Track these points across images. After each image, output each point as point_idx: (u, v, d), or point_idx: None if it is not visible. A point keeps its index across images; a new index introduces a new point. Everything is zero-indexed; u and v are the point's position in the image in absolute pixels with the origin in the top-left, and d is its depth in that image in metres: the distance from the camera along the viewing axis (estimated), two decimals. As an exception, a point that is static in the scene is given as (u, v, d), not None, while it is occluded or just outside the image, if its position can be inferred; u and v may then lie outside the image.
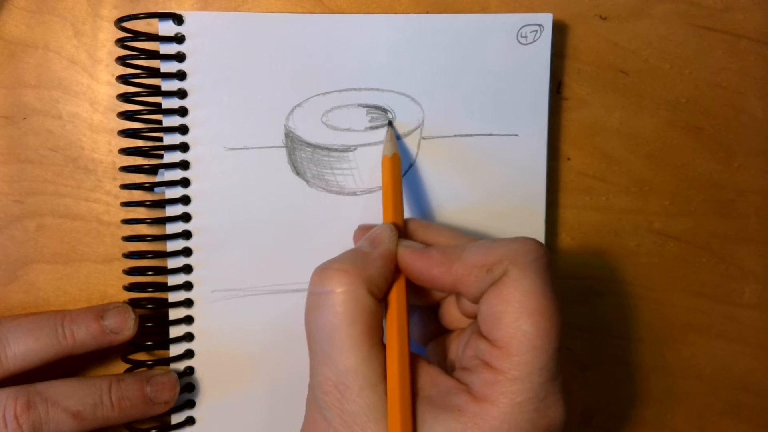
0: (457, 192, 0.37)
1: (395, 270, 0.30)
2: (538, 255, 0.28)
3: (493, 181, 0.37)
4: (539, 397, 0.26)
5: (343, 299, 0.28)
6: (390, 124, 0.37)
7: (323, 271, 0.29)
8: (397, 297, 0.30)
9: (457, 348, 0.31)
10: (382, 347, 0.29)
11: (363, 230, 0.35)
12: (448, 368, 0.31)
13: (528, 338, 0.26)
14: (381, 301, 0.29)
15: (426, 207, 0.37)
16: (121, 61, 0.35)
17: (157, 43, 0.35)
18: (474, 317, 0.31)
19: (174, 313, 0.36)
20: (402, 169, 0.37)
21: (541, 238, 0.38)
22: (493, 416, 0.26)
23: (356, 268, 0.29)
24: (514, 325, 0.27)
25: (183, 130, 0.35)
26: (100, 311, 0.34)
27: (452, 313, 0.32)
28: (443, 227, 0.34)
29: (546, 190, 0.38)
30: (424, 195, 0.37)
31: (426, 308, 0.34)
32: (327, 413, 0.28)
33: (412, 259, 0.30)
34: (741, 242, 0.41)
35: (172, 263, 0.36)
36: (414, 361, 0.29)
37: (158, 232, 0.36)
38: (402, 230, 0.33)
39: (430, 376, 0.29)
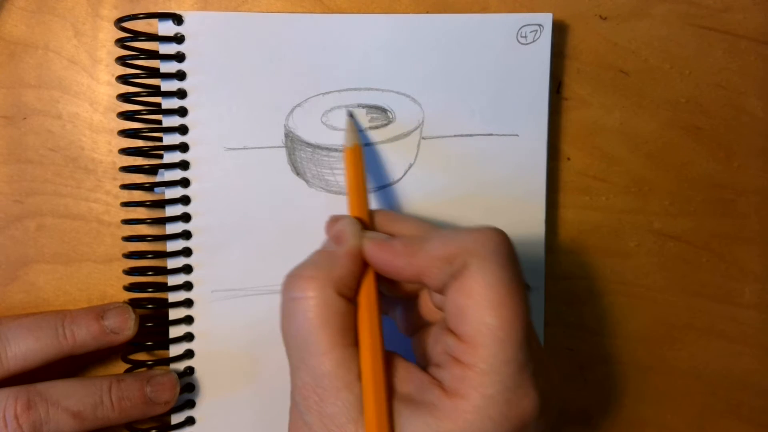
0: (457, 192, 0.37)
1: (363, 265, 0.30)
2: (498, 244, 0.28)
3: (492, 181, 0.37)
4: (510, 389, 0.26)
5: (313, 304, 0.28)
6: (350, 114, 0.36)
7: (292, 278, 0.29)
8: (366, 294, 0.30)
9: (431, 343, 0.31)
10: (357, 347, 0.29)
11: (333, 221, 0.34)
12: (426, 363, 0.31)
13: (492, 330, 0.26)
14: (352, 299, 0.29)
15: (425, 207, 0.37)
16: (121, 61, 0.35)
17: (157, 43, 0.35)
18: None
19: (174, 313, 0.36)
20: (402, 170, 0.37)
21: (541, 238, 0.38)
22: (466, 410, 0.26)
23: (323, 271, 0.29)
24: (478, 318, 0.26)
25: (183, 130, 0.35)
26: (100, 311, 0.34)
27: (428, 306, 0.32)
28: (410, 218, 0.33)
29: (546, 190, 0.38)
30: (424, 195, 0.37)
31: (407, 300, 0.33)
32: (307, 417, 0.28)
33: (375, 251, 0.30)
34: (741, 242, 0.41)
35: (172, 263, 0.36)
36: (389, 359, 0.29)
37: (158, 232, 0.36)
38: (368, 223, 0.32)
39: (406, 372, 0.29)
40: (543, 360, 0.28)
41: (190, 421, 0.36)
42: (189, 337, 0.36)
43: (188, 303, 0.36)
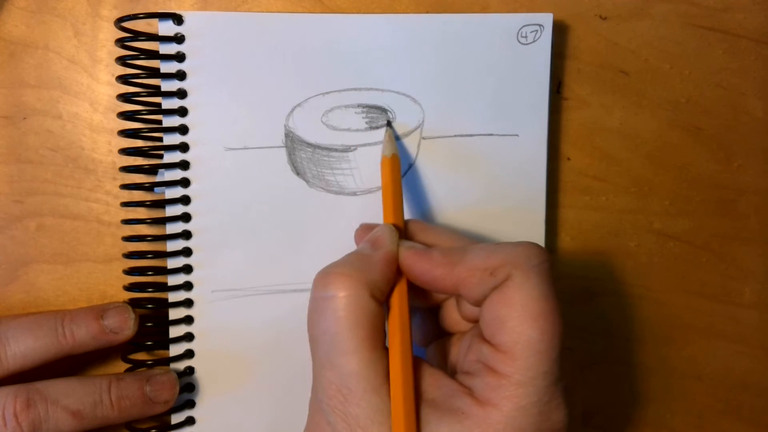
0: (457, 192, 0.37)
1: (397, 272, 0.30)
2: (541, 259, 0.28)
3: (493, 181, 0.37)
4: (543, 401, 0.26)
5: (345, 303, 0.28)
6: (389, 124, 0.36)
7: (325, 275, 0.29)
8: (399, 300, 0.30)
9: (458, 352, 0.31)
10: (385, 350, 0.29)
11: (364, 229, 0.35)
12: (449, 371, 0.31)
13: (532, 342, 0.26)
14: (383, 303, 0.29)
15: (426, 207, 0.37)
16: (121, 61, 0.35)
17: (157, 43, 0.35)
18: (474, 321, 0.31)
19: (174, 313, 0.36)
20: (401, 169, 0.37)
21: (541, 238, 0.38)
22: (497, 420, 0.26)
23: (358, 271, 0.29)
24: (518, 329, 0.27)
25: (183, 130, 0.35)
26: (100, 311, 0.34)
27: (453, 317, 0.32)
28: (444, 229, 0.34)
29: (546, 190, 0.38)
30: (424, 195, 0.37)
31: (426, 310, 0.34)
32: (330, 417, 0.28)
33: (413, 260, 0.30)
34: (741, 242, 0.41)
35: (172, 263, 0.36)
36: (417, 364, 0.29)
37: (158, 232, 0.36)
38: (402, 231, 0.33)
39: (433, 379, 0.29)
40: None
41: (190, 421, 0.36)
42: (189, 337, 0.36)
43: (188, 303, 0.36)
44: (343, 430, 0.27)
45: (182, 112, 0.35)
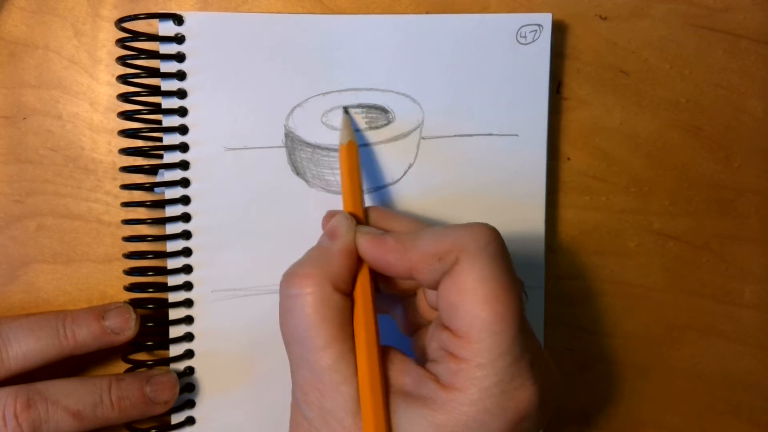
0: (457, 192, 0.37)
1: (358, 261, 0.31)
2: (489, 240, 0.28)
3: (492, 181, 0.37)
4: (505, 381, 0.26)
5: (311, 301, 0.28)
6: (346, 111, 0.36)
7: (289, 275, 0.29)
8: (361, 289, 0.30)
9: (426, 339, 0.32)
10: None
11: (328, 216, 0.35)
12: (423, 359, 0.31)
13: (486, 325, 0.26)
14: (349, 294, 0.30)
15: (425, 207, 0.37)
16: (121, 61, 0.35)
17: (157, 43, 0.35)
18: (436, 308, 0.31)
19: (174, 313, 0.36)
20: (402, 170, 0.37)
21: (541, 238, 0.38)
22: (462, 402, 0.26)
23: (319, 267, 0.29)
24: (471, 313, 0.27)
25: (183, 130, 0.35)
26: (101, 311, 0.34)
27: (424, 304, 0.32)
28: (404, 215, 0.34)
29: (546, 190, 0.38)
30: (424, 195, 0.37)
31: (407, 300, 0.34)
32: (308, 413, 0.28)
33: (368, 246, 0.30)
34: (741, 242, 0.41)
35: (172, 263, 0.36)
36: (386, 353, 0.30)
37: (158, 233, 0.36)
38: (363, 220, 0.32)
39: (402, 366, 0.29)
40: (539, 352, 0.28)
41: (190, 421, 0.36)
42: (189, 337, 0.36)
43: (188, 303, 0.36)
44: (319, 425, 0.28)
45: (182, 112, 0.35)
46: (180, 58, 0.35)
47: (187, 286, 0.36)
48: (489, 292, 0.27)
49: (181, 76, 0.35)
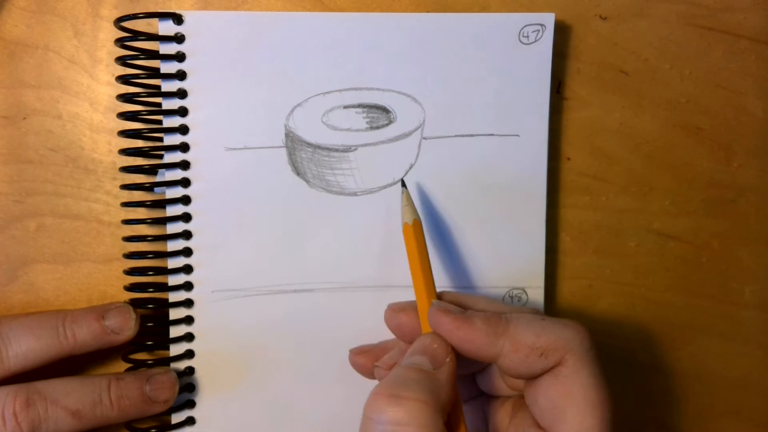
0: (458, 192, 0.37)
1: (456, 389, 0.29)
2: (592, 343, 0.28)
3: (493, 181, 0.37)
4: None
5: None
6: (403, 184, 0.36)
7: (395, 400, 0.26)
8: (456, 420, 0.29)
9: (502, 419, 0.31)
10: None
11: (398, 312, 0.32)
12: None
13: (593, 430, 0.27)
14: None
15: (427, 208, 0.37)
16: (121, 61, 0.35)
17: (157, 42, 0.35)
18: (517, 390, 0.31)
19: (174, 313, 0.36)
20: (403, 170, 0.37)
21: (542, 238, 0.38)
22: None
23: (432, 396, 0.26)
24: (579, 419, 0.27)
25: (183, 130, 0.35)
26: (101, 311, 0.34)
27: (493, 382, 0.32)
28: (479, 296, 0.33)
29: (546, 190, 0.38)
30: (425, 195, 0.37)
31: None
32: None
33: (454, 326, 0.29)
34: (741, 242, 0.41)
35: (173, 263, 0.36)
36: None
37: (158, 233, 0.36)
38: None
39: None
40: None
41: (190, 421, 0.36)
42: (189, 337, 0.36)
43: (188, 303, 0.36)
44: None
45: (182, 112, 0.35)
46: (180, 57, 0.35)
47: (188, 286, 0.36)
48: (597, 399, 0.27)
49: (181, 76, 0.35)
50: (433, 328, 0.30)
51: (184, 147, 0.35)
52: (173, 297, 0.36)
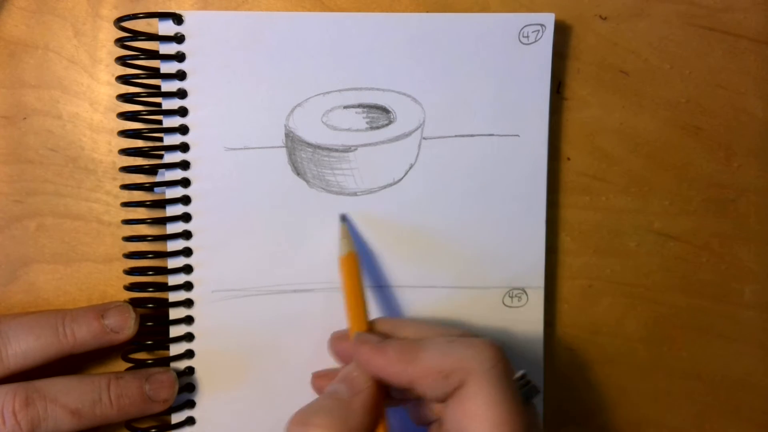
0: (458, 192, 0.37)
1: (376, 414, 0.30)
2: (495, 361, 0.28)
3: (493, 181, 0.37)
4: None
5: None
6: (343, 219, 0.36)
7: (303, 427, 0.28)
8: None
9: None
10: None
11: (338, 340, 0.34)
12: None
13: None
14: None
15: (426, 207, 0.37)
16: (121, 61, 0.35)
17: (157, 42, 0.35)
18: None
19: (174, 313, 0.36)
20: (403, 170, 0.37)
21: (542, 238, 0.38)
22: None
23: (337, 422, 0.28)
24: None
25: (183, 130, 0.35)
26: (100, 310, 0.34)
27: (421, 412, 0.32)
28: (410, 321, 0.33)
29: (546, 190, 0.38)
30: (425, 195, 0.37)
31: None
32: None
33: (369, 356, 0.30)
34: (741, 242, 0.41)
35: (173, 263, 0.36)
36: None
37: (158, 232, 0.36)
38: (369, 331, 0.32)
39: None
40: None
41: (190, 421, 0.36)
42: (189, 337, 0.36)
43: (188, 303, 0.36)
44: None
45: (182, 112, 0.35)
46: (180, 57, 0.35)
47: (188, 286, 0.36)
48: (498, 418, 0.27)
49: (181, 76, 0.35)
50: (354, 357, 0.31)
51: (184, 147, 0.35)
52: (173, 297, 0.36)
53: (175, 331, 0.36)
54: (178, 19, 0.35)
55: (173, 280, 0.36)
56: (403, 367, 0.29)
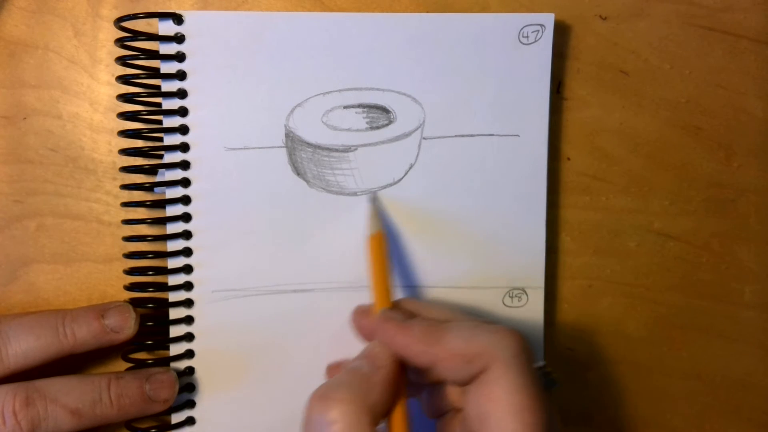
0: (458, 192, 0.37)
1: (398, 387, 0.30)
2: (519, 350, 0.28)
3: (493, 181, 0.37)
4: None
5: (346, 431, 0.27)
6: (373, 200, 0.36)
7: (324, 401, 0.27)
8: (399, 420, 0.29)
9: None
10: None
11: (360, 314, 0.34)
12: None
13: None
14: (382, 422, 0.29)
15: (426, 207, 0.37)
16: (121, 61, 0.35)
17: (157, 42, 0.35)
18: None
19: (174, 313, 0.36)
20: (403, 170, 0.37)
21: (542, 238, 0.38)
22: None
23: (359, 396, 0.28)
24: (502, 425, 0.27)
25: (183, 130, 0.35)
26: (101, 310, 0.34)
27: (454, 392, 0.32)
28: (434, 305, 0.34)
29: (546, 190, 0.38)
30: (425, 195, 0.37)
31: (433, 384, 0.33)
32: None
33: (393, 332, 0.30)
34: (741, 242, 0.41)
35: (173, 263, 0.36)
36: None
37: (158, 232, 0.36)
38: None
39: None
40: None
41: (190, 421, 0.36)
42: (189, 337, 0.36)
43: (188, 303, 0.36)
44: None
45: (182, 112, 0.35)
46: (180, 57, 0.35)
47: (188, 286, 0.36)
48: (519, 404, 0.27)
49: (181, 76, 0.35)
50: (378, 334, 0.31)
51: (184, 147, 0.35)
52: (173, 297, 0.36)
53: (175, 331, 0.36)
54: (178, 19, 0.35)
55: (173, 280, 0.36)
56: (427, 348, 0.29)
